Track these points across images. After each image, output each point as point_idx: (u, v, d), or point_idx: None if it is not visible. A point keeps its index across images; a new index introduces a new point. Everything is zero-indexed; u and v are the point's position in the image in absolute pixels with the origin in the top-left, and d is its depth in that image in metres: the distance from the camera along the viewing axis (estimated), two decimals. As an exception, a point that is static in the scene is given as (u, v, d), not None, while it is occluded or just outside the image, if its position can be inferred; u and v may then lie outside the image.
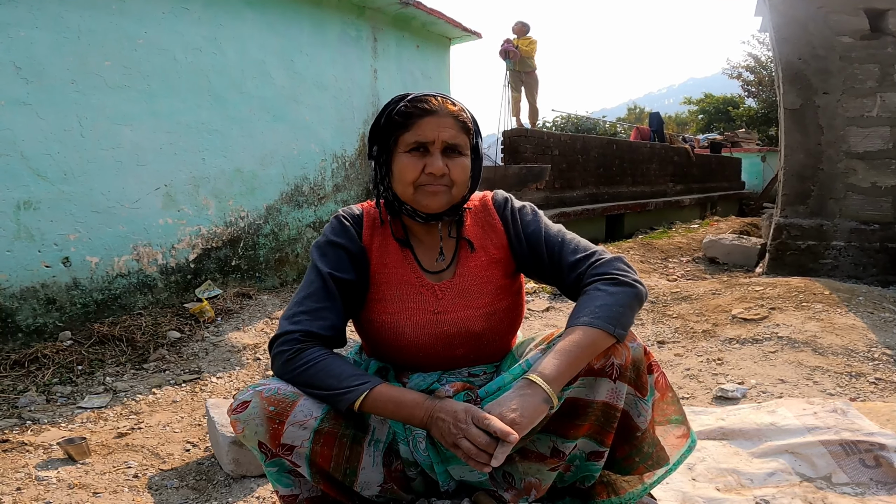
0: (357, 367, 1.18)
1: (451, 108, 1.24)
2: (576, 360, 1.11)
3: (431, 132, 1.21)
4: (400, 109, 1.23)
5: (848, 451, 1.67)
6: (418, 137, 1.21)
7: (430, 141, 1.21)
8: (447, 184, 1.23)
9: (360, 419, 1.23)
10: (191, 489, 1.85)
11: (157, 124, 3.73)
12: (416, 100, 1.24)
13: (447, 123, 1.23)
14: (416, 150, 1.22)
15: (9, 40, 3.04)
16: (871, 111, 4.39)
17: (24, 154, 3.12)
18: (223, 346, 3.24)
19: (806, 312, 3.15)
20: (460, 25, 6.13)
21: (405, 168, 1.22)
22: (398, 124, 1.23)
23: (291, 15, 4.62)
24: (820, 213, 4.58)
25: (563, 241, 1.31)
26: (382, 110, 1.27)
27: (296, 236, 4.76)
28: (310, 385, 1.14)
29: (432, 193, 1.23)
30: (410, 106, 1.23)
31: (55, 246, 3.25)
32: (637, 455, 1.26)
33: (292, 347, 1.16)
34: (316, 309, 1.21)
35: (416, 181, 1.22)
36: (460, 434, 1.04)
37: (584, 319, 1.14)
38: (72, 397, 2.61)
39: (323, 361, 1.14)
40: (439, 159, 1.22)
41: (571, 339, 1.12)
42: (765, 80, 20.85)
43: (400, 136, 1.23)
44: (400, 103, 1.24)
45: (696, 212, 12.01)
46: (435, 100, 1.24)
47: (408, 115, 1.22)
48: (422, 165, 1.22)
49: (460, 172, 1.24)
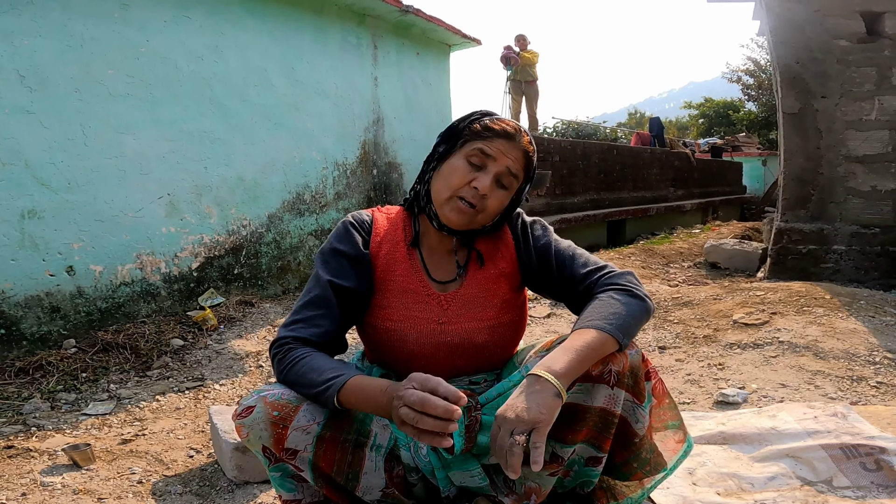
0: (339, 363, 1.18)
1: (527, 143, 1.28)
2: (584, 359, 1.10)
3: (499, 153, 1.24)
4: (485, 122, 1.26)
5: (849, 454, 1.67)
6: (486, 149, 1.24)
7: (494, 158, 1.24)
8: (479, 207, 1.24)
9: (361, 423, 1.24)
10: (194, 495, 1.86)
11: (159, 133, 3.75)
12: (500, 121, 1.27)
13: (516, 155, 1.26)
14: (474, 162, 1.24)
15: (13, 48, 3.07)
16: (870, 115, 4.40)
17: (28, 163, 3.14)
18: (226, 354, 3.25)
19: (807, 317, 3.15)
20: (460, 32, 6.16)
21: (455, 171, 1.25)
22: (475, 132, 1.26)
23: (292, 23, 4.65)
24: (820, 217, 4.58)
25: (573, 255, 1.33)
26: (465, 116, 1.30)
27: (297, 244, 4.78)
28: (296, 383, 1.15)
29: (459, 211, 1.24)
30: (495, 122, 1.26)
31: (59, 255, 3.27)
32: (635, 461, 1.27)
33: (282, 349, 1.19)
34: (311, 317, 1.22)
35: (457, 189, 1.24)
36: (421, 402, 0.96)
37: (596, 322, 1.14)
38: (76, 404, 2.62)
39: (306, 357, 1.16)
40: (490, 179, 1.23)
41: (582, 338, 1.12)
42: (765, 84, 20.87)
43: (470, 140, 1.26)
44: (485, 117, 1.28)
45: (698, 216, 12.01)
46: (517, 128, 1.28)
47: (488, 129, 1.25)
48: (471, 177, 1.23)
49: (496, 204, 1.26)
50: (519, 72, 9.33)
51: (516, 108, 9.69)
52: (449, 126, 1.31)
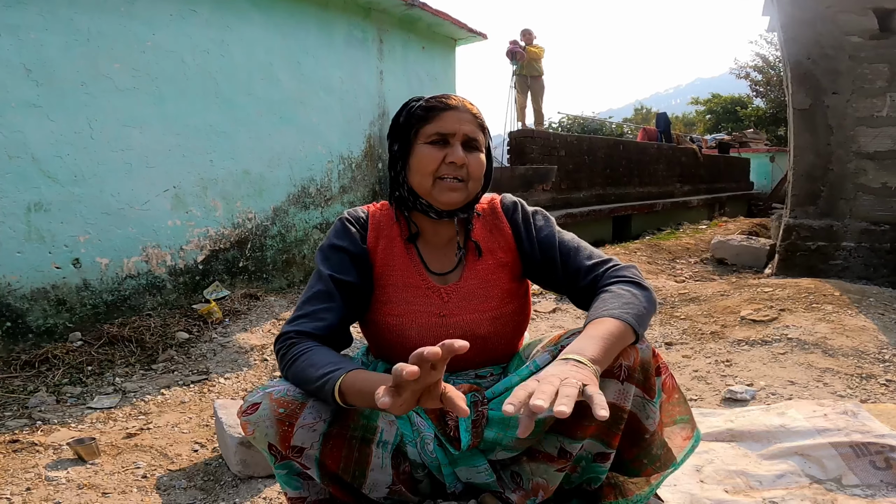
0: (339, 356, 1.16)
1: (469, 106, 1.29)
2: (611, 347, 1.06)
3: (452, 124, 1.25)
4: (421, 105, 1.27)
5: (858, 452, 1.65)
6: (440, 129, 1.24)
7: (452, 132, 1.25)
8: (464, 177, 1.25)
9: (368, 420, 1.23)
10: (199, 490, 1.86)
11: (165, 126, 3.75)
12: (435, 97, 1.28)
13: (467, 118, 1.27)
14: (437, 143, 1.25)
15: (19, 43, 3.07)
16: (881, 111, 4.36)
17: (35, 156, 3.15)
18: (231, 347, 3.26)
19: (816, 314, 3.13)
20: (466, 26, 6.13)
21: (425, 158, 1.24)
22: (420, 118, 1.26)
23: (298, 17, 4.64)
24: (830, 213, 4.55)
25: (577, 247, 1.32)
26: (401, 110, 1.31)
27: (303, 238, 4.77)
28: (298, 378, 1.13)
29: (450, 189, 1.24)
30: (432, 101, 1.27)
31: (65, 247, 3.28)
32: (645, 457, 1.25)
33: (285, 345, 1.18)
34: (314, 311, 1.22)
35: (435, 171, 1.24)
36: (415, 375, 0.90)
37: (614, 312, 1.12)
38: (81, 398, 2.63)
39: (307, 353, 1.14)
40: (460, 149, 1.24)
41: (606, 327, 1.08)
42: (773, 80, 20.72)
43: (421, 128, 1.26)
44: (419, 101, 1.29)
45: (704, 213, 11.96)
46: (454, 98, 1.29)
47: (429, 109, 1.26)
48: (442, 156, 1.24)
49: (477, 167, 1.27)
50: (525, 67, 9.29)
51: (522, 103, 9.65)
52: (392, 124, 1.31)
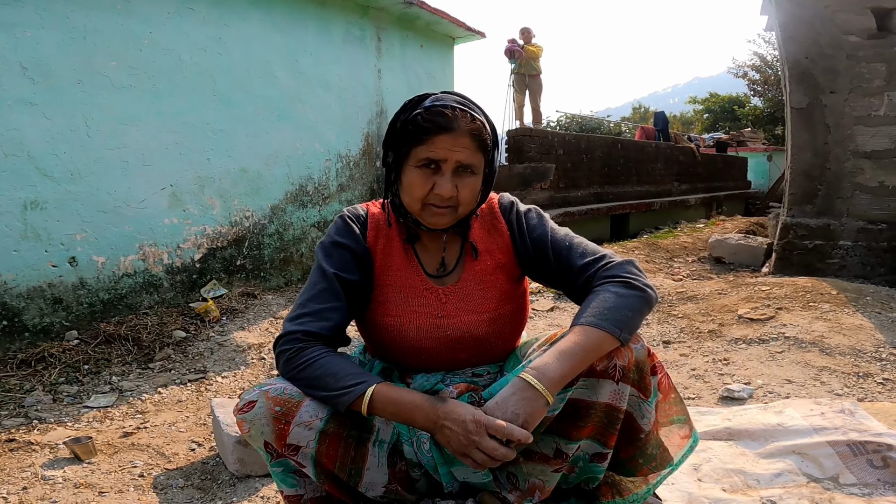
0: (356, 366, 1.17)
1: (469, 123, 1.18)
2: (578, 363, 1.10)
3: (445, 151, 1.16)
4: (416, 121, 1.17)
5: (855, 451, 1.66)
6: (430, 154, 1.17)
7: (443, 160, 1.17)
8: (453, 204, 1.21)
9: (364, 419, 1.23)
10: (196, 489, 1.85)
11: (162, 124, 3.74)
12: (433, 112, 1.17)
13: (463, 143, 1.17)
14: (427, 167, 1.18)
15: (15, 40, 3.06)
16: (879, 110, 4.36)
17: (31, 154, 3.13)
18: (228, 346, 3.25)
19: (813, 312, 3.13)
20: (464, 25, 6.13)
21: (414, 184, 1.19)
22: (412, 137, 1.18)
23: (296, 14, 4.62)
24: (827, 212, 4.55)
25: (570, 244, 1.29)
26: (398, 114, 1.22)
27: (300, 236, 4.77)
28: (309, 384, 1.13)
29: (438, 215, 1.21)
30: (427, 119, 1.17)
31: (62, 245, 3.27)
32: (641, 457, 1.25)
33: (293, 346, 1.16)
34: (319, 310, 1.20)
35: (424, 198, 1.20)
36: (473, 445, 1.05)
37: (590, 320, 1.12)
38: (78, 396, 2.62)
39: (322, 359, 1.14)
40: (449, 180, 1.17)
41: (575, 339, 1.11)
42: (770, 80, 20.75)
43: (413, 148, 1.18)
44: (417, 110, 1.19)
45: (702, 211, 11.97)
46: (453, 112, 1.17)
47: (423, 130, 1.16)
48: (431, 185, 1.18)
49: (468, 193, 1.21)
50: (523, 65, 9.28)
51: (520, 102, 9.64)
52: (388, 128, 1.25)
